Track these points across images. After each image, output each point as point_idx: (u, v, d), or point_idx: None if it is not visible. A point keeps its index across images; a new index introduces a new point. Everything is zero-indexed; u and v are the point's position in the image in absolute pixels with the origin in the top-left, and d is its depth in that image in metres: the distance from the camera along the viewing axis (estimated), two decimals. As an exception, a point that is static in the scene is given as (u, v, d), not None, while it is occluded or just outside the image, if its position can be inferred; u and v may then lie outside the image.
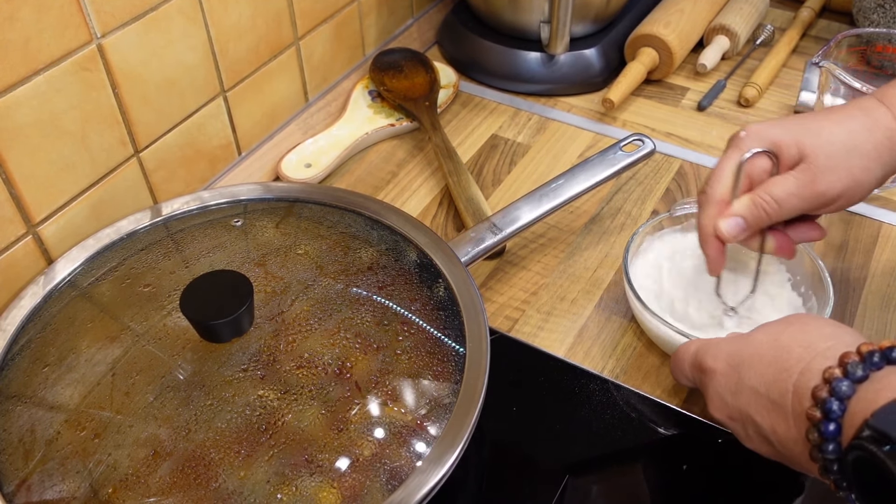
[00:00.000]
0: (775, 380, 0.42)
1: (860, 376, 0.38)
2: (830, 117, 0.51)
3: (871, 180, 0.51)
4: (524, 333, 0.60)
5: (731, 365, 0.46)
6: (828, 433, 0.38)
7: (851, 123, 0.50)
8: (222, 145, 0.68)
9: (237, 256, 0.54)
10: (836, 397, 0.38)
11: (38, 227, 0.54)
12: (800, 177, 0.50)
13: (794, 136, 0.50)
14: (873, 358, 0.38)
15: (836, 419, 0.38)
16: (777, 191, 0.50)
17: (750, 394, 0.44)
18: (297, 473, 0.43)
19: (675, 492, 0.52)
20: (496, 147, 0.77)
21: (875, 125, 0.50)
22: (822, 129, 0.50)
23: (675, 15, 0.83)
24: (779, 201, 0.50)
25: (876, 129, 0.50)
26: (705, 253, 0.53)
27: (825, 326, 0.44)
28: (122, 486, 0.42)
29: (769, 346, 0.44)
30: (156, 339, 0.48)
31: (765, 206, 0.50)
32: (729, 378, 0.46)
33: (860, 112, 0.51)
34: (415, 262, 0.54)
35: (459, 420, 0.45)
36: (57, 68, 0.51)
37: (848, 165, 0.49)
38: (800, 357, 0.42)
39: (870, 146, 0.50)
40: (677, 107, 0.82)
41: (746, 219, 0.51)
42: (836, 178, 0.50)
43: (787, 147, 0.50)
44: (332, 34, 0.76)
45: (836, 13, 0.94)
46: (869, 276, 0.64)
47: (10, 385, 0.47)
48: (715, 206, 0.52)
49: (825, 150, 0.50)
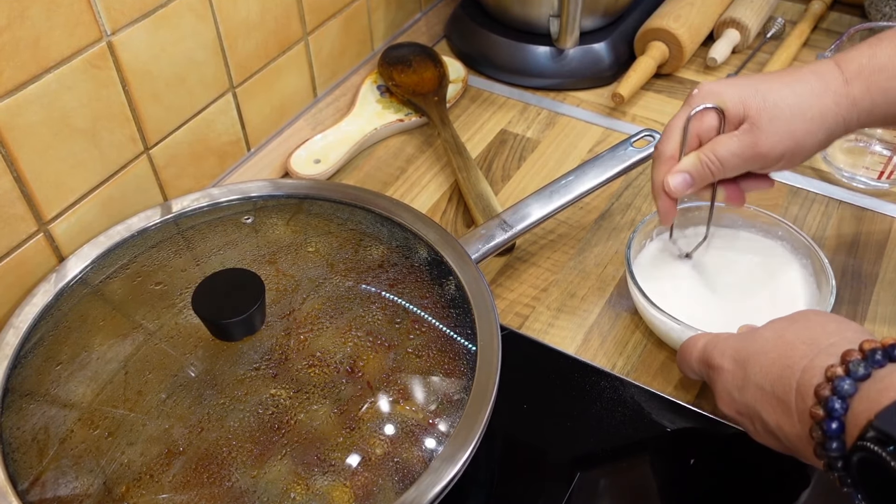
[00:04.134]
0: (779, 377, 0.43)
1: (862, 374, 0.38)
2: (782, 79, 0.53)
3: (814, 143, 0.52)
4: (534, 330, 0.60)
5: (737, 361, 0.46)
6: (831, 431, 0.38)
7: (801, 86, 0.52)
8: (231, 141, 0.68)
9: (248, 254, 0.54)
10: (839, 396, 0.38)
11: (49, 225, 0.55)
12: (742, 138, 0.52)
13: (741, 96, 0.52)
14: (875, 356, 0.38)
15: (839, 417, 0.38)
16: (720, 150, 0.52)
17: (756, 390, 0.44)
18: (310, 472, 0.43)
19: (686, 487, 0.52)
20: (505, 142, 0.77)
21: (825, 89, 0.51)
22: (770, 90, 0.52)
23: (685, 8, 0.82)
24: (722, 160, 0.52)
25: (825, 94, 0.51)
26: (656, 205, 0.56)
27: (829, 322, 0.44)
28: (136, 484, 0.42)
29: (774, 342, 0.44)
30: (168, 338, 0.48)
31: (709, 164, 0.53)
32: (735, 374, 0.46)
33: (813, 76, 0.52)
34: (425, 260, 0.54)
35: (471, 418, 0.45)
36: (67, 66, 0.51)
37: (790, 129, 0.51)
38: (803, 354, 0.42)
39: (815, 111, 0.51)
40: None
41: (692, 175, 0.53)
42: (778, 141, 0.51)
43: (733, 105, 0.52)
44: (340, 29, 0.76)
45: (847, 6, 0.93)
46: (881, 272, 0.63)
47: (24, 383, 0.47)
48: (665, 163, 0.54)
49: (770, 112, 0.51)
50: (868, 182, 0.70)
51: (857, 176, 0.70)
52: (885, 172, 0.70)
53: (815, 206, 0.69)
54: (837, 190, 0.71)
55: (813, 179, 0.72)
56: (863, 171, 0.70)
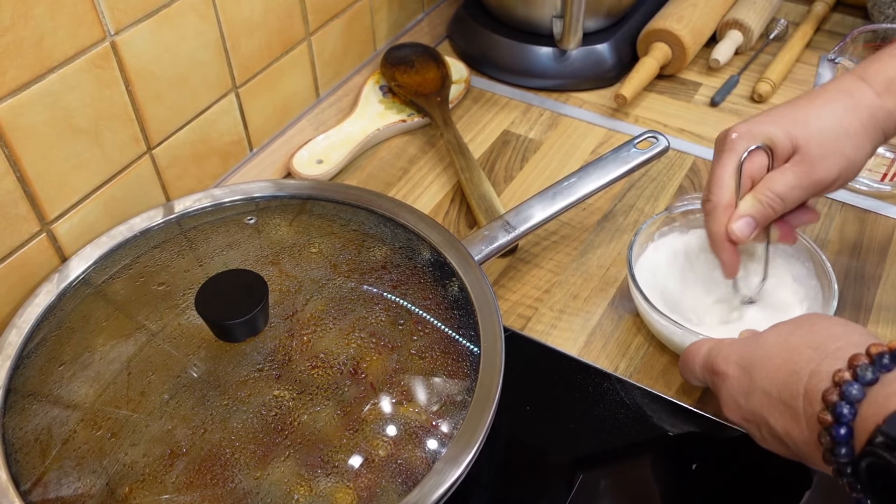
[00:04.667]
0: (786, 382, 0.42)
1: (870, 379, 0.38)
2: (815, 103, 0.53)
3: (863, 157, 0.53)
4: (537, 332, 0.60)
5: (742, 367, 0.46)
6: (839, 437, 0.38)
7: (835, 107, 0.52)
8: (234, 141, 0.68)
9: (251, 255, 0.54)
10: (847, 401, 0.38)
11: (51, 225, 0.54)
12: (797, 169, 0.52)
13: (784, 129, 0.52)
14: (882, 360, 0.38)
15: (848, 423, 0.38)
16: (779, 187, 0.52)
17: (762, 396, 0.44)
18: (313, 474, 0.43)
19: (688, 490, 0.52)
20: (508, 143, 0.77)
21: (857, 105, 0.52)
22: (808, 117, 0.52)
23: (687, 9, 0.82)
24: (782, 196, 0.52)
25: (859, 109, 0.52)
26: (720, 258, 0.55)
27: (834, 326, 0.44)
28: (139, 486, 0.42)
29: (779, 347, 0.44)
30: (171, 338, 0.48)
31: (771, 203, 0.52)
32: (741, 381, 0.46)
33: (842, 94, 0.53)
34: (428, 261, 0.54)
35: (475, 420, 0.45)
36: (70, 66, 0.51)
37: (840, 148, 0.52)
38: (809, 359, 0.42)
39: (857, 126, 0.52)
40: (690, 102, 0.81)
41: (755, 218, 0.53)
42: (833, 163, 0.52)
43: (780, 141, 0.52)
44: (343, 29, 0.76)
45: (850, 7, 0.93)
46: (884, 274, 0.63)
47: (26, 383, 0.47)
48: (723, 211, 0.53)
49: (816, 138, 0.52)
50: (871, 184, 0.70)
51: (860, 178, 0.70)
52: (889, 175, 0.70)
53: (818, 207, 0.69)
54: (840, 192, 0.70)
55: (816, 181, 0.72)
56: (866, 173, 0.70)
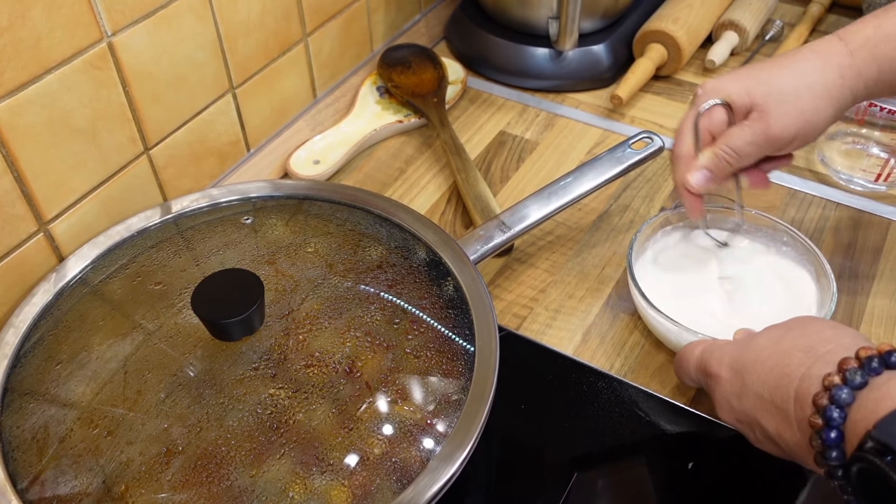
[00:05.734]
0: (777, 385, 0.43)
1: (859, 383, 0.38)
2: (782, 62, 0.54)
3: (825, 118, 0.53)
4: (532, 331, 0.60)
5: (734, 370, 0.46)
6: (830, 441, 0.38)
7: (803, 65, 0.53)
8: (231, 142, 0.68)
9: (247, 254, 0.54)
10: (836, 405, 0.38)
11: (49, 225, 0.55)
12: (753, 126, 0.53)
13: (744, 87, 0.53)
14: (872, 363, 0.38)
15: (838, 427, 0.38)
16: (734, 141, 0.54)
17: (755, 399, 0.44)
18: (308, 472, 0.43)
19: (683, 488, 0.52)
20: (504, 143, 0.77)
21: (828, 64, 0.52)
22: (772, 76, 0.53)
23: (683, 10, 0.82)
24: (738, 151, 0.54)
25: (828, 69, 0.52)
26: (684, 202, 0.58)
27: (825, 329, 0.44)
28: (135, 483, 0.43)
29: (771, 350, 0.44)
30: (167, 337, 0.49)
31: (726, 157, 0.54)
32: (733, 383, 0.46)
33: (814, 53, 0.53)
34: (424, 260, 0.55)
35: (469, 418, 0.45)
36: (68, 66, 0.52)
37: (799, 108, 0.52)
38: (800, 362, 0.42)
39: (820, 87, 0.52)
40: (686, 103, 0.81)
41: (711, 170, 0.55)
42: (790, 121, 0.52)
43: (738, 97, 0.53)
44: (340, 30, 0.76)
45: (845, 8, 0.93)
46: (878, 274, 0.64)
47: (23, 382, 0.48)
48: (683, 162, 0.56)
49: (775, 96, 0.52)
50: (865, 184, 0.71)
51: (854, 178, 0.71)
52: (883, 175, 0.70)
53: (813, 208, 0.70)
54: (835, 192, 0.71)
55: (810, 181, 0.72)
56: (860, 173, 0.71)
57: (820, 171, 0.73)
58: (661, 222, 0.61)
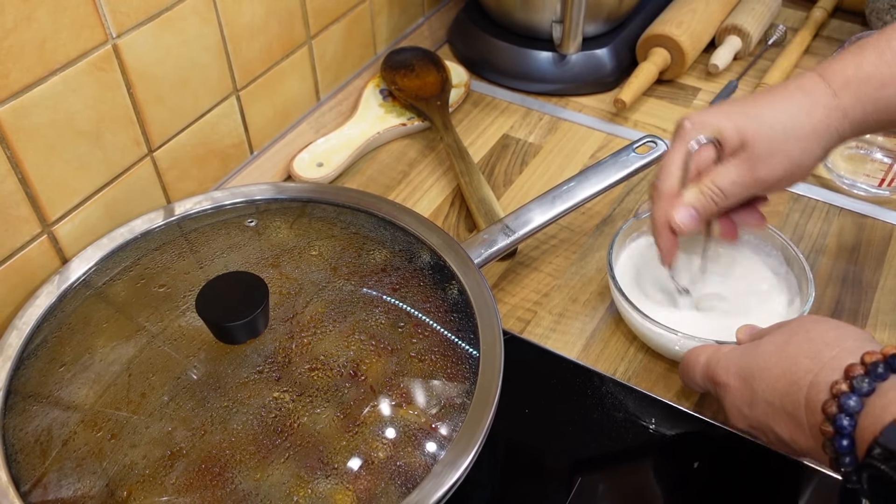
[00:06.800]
0: (786, 392, 0.43)
1: (867, 390, 0.38)
2: (770, 100, 0.52)
3: (811, 159, 0.52)
4: (536, 335, 0.60)
5: (742, 378, 0.46)
6: (842, 448, 0.38)
7: (790, 106, 0.51)
8: (235, 144, 0.68)
9: (251, 257, 0.54)
10: (846, 413, 0.38)
11: (52, 227, 0.55)
12: (741, 165, 0.51)
13: (735, 123, 0.52)
14: (877, 369, 0.38)
15: (849, 434, 0.38)
16: (721, 180, 0.52)
17: (765, 406, 0.44)
18: (312, 475, 0.43)
19: (687, 493, 0.52)
20: (508, 147, 0.77)
21: (814, 105, 0.51)
22: (761, 114, 0.52)
23: (687, 15, 0.82)
24: (724, 190, 0.52)
25: (815, 109, 0.51)
26: (659, 245, 0.55)
27: (829, 331, 0.44)
28: (138, 487, 0.42)
29: (777, 357, 0.44)
30: (171, 340, 0.49)
31: (712, 196, 0.52)
32: (742, 392, 0.46)
33: (800, 92, 0.52)
34: (428, 264, 0.55)
35: (474, 423, 0.45)
36: (73, 68, 0.52)
37: (787, 150, 0.51)
38: (807, 369, 0.42)
39: (808, 128, 0.51)
40: (689, 107, 0.81)
41: (697, 209, 0.53)
42: (777, 163, 0.51)
43: (728, 134, 0.52)
44: (343, 33, 0.76)
45: (848, 13, 0.93)
46: (882, 279, 0.64)
47: (27, 384, 0.47)
48: (666, 199, 0.53)
49: (765, 135, 0.51)
50: (869, 189, 0.70)
51: (857, 183, 0.71)
52: (886, 180, 0.70)
53: (816, 213, 0.69)
54: (838, 197, 0.71)
55: (814, 186, 0.72)
56: (863, 178, 0.71)
57: (823, 175, 0.73)
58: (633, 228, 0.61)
